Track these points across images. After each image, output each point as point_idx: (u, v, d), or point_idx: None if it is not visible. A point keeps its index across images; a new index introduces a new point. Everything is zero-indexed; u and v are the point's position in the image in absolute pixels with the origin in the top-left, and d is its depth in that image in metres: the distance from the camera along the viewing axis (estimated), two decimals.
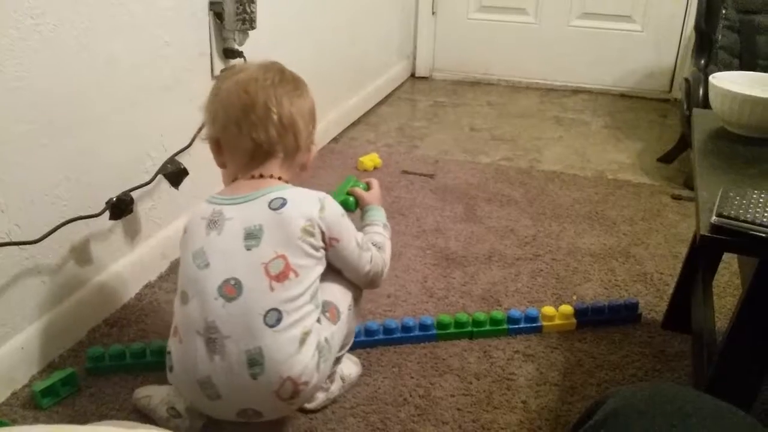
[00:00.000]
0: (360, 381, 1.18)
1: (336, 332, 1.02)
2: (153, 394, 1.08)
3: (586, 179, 2.06)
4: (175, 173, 1.42)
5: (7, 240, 1.09)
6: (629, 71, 2.91)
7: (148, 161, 1.39)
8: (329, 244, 1.01)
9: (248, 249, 0.95)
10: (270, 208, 0.98)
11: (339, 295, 1.05)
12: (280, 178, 1.04)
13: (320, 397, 1.10)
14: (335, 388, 1.12)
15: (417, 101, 2.86)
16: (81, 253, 1.26)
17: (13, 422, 1.05)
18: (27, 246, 1.13)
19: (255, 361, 0.93)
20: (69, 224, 1.20)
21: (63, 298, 1.23)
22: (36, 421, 1.06)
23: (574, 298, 1.44)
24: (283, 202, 0.98)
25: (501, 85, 3.07)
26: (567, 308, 1.34)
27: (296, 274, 0.95)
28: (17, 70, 1.06)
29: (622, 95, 2.93)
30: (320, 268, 1.00)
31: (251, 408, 0.96)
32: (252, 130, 1.01)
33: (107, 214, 1.27)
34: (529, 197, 1.92)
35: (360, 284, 1.10)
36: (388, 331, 1.27)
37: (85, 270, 1.27)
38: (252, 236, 0.96)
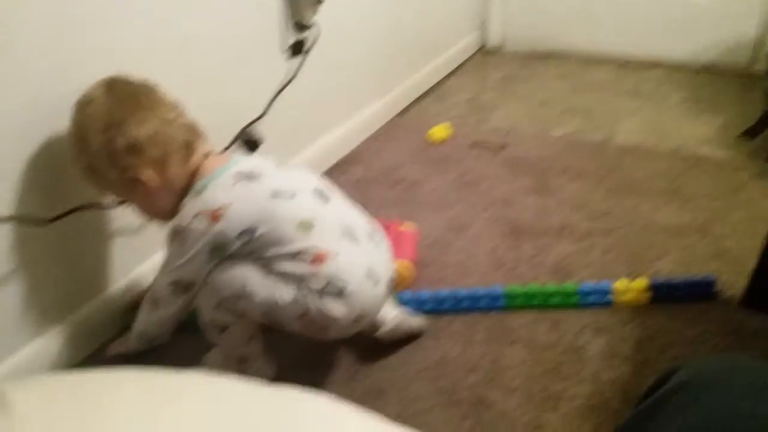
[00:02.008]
0: (428, 345, 1.19)
1: None
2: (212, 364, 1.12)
3: (663, 154, 2.00)
4: (250, 142, 1.45)
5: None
6: (710, 43, 2.79)
7: (224, 131, 1.43)
8: None
9: (304, 172, 1.08)
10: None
11: None
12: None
13: (390, 317, 1.17)
14: (398, 311, 1.19)
15: (488, 73, 2.82)
16: None
17: None
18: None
19: (372, 232, 1.06)
20: None
21: (151, 253, 1.29)
22: None
23: (649, 273, 1.41)
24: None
25: (575, 57, 2.99)
26: (641, 282, 1.31)
27: None
28: (99, 44, 1.10)
29: (703, 68, 2.81)
30: None
31: (390, 277, 1.08)
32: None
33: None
34: (603, 171, 1.88)
35: None
36: (457, 299, 1.28)
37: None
38: (281, 165, 1.07)
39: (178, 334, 1.14)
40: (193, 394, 0.49)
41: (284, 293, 0.96)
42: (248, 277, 0.97)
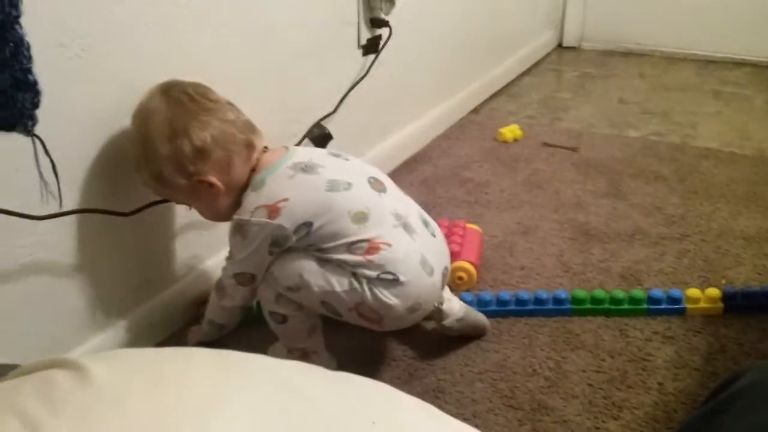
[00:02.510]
0: (489, 348, 1.19)
1: None
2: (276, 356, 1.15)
3: (745, 157, 1.92)
4: (321, 137, 1.48)
5: None
6: None
7: (295, 126, 1.46)
8: None
9: (346, 160, 1.08)
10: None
11: None
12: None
13: (455, 307, 1.18)
14: (464, 305, 1.20)
15: (563, 72, 2.77)
16: None
17: None
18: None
19: (426, 221, 1.07)
20: None
21: (222, 247, 1.33)
22: None
23: (723, 281, 1.36)
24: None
25: (655, 56, 2.90)
26: (714, 291, 1.27)
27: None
28: (185, 38, 1.14)
29: None
30: None
31: (444, 266, 1.07)
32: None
33: None
34: (680, 174, 1.82)
35: None
36: (520, 302, 1.27)
37: None
38: (337, 155, 1.08)
39: (244, 325, 1.18)
40: (261, 373, 0.51)
41: (340, 282, 0.98)
42: (305, 267, 0.99)
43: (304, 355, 1.09)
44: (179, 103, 1.00)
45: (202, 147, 0.99)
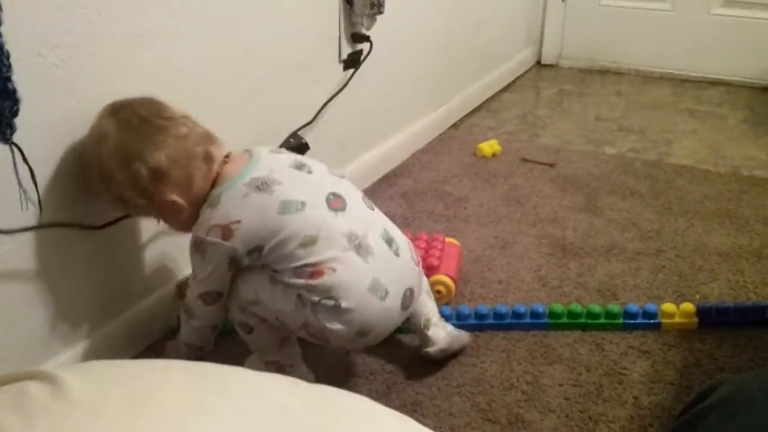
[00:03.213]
0: (467, 362, 1.19)
1: None
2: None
3: (719, 175, 1.95)
4: (297, 147, 1.48)
5: None
6: None
7: (276, 140, 1.47)
8: None
9: (309, 173, 1.05)
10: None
11: None
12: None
13: (442, 335, 1.17)
14: (450, 328, 1.19)
15: (541, 89, 2.80)
16: None
17: None
18: None
19: (390, 240, 1.04)
20: None
21: None
22: None
23: (698, 296, 1.38)
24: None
25: (631, 75, 2.95)
26: (689, 306, 1.29)
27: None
28: (167, 51, 1.14)
29: (765, 89, 2.74)
30: None
31: (407, 288, 1.04)
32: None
33: None
34: (655, 191, 1.85)
35: None
36: (498, 315, 1.28)
37: None
38: (300, 167, 1.05)
39: (222, 336, 1.17)
40: (240, 386, 0.51)
41: (287, 302, 0.98)
42: (258, 285, 0.99)
43: (280, 369, 1.08)
44: (130, 126, 0.97)
45: (157, 168, 0.97)
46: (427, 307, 1.17)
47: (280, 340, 1.08)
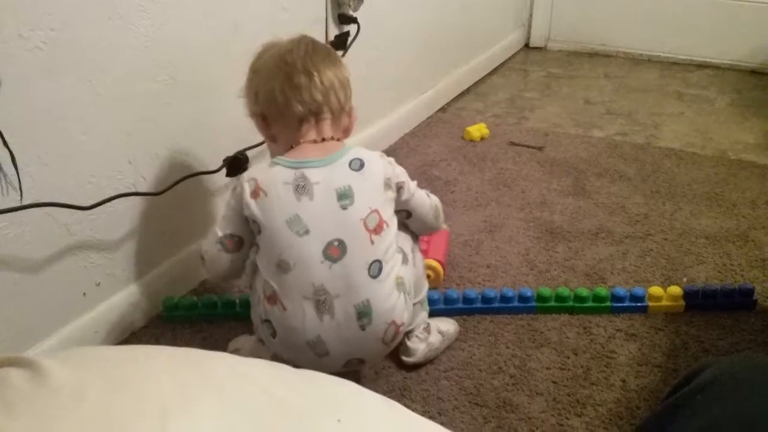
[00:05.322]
0: (455, 346, 1.19)
1: (407, 271, 1.06)
2: (242, 347, 1.14)
3: (707, 158, 1.96)
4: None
5: (133, 190, 1.17)
6: (761, 46, 2.71)
7: None
8: (398, 190, 1.07)
9: (344, 208, 0.99)
10: (351, 169, 1.02)
11: (402, 239, 1.09)
12: (338, 139, 1.07)
13: (421, 348, 1.13)
14: (434, 339, 1.15)
15: (530, 72, 2.79)
16: (199, 206, 1.34)
17: None
18: (151, 197, 1.21)
19: (364, 313, 0.98)
20: (189, 179, 1.27)
21: (181, 247, 1.31)
22: None
23: (685, 280, 1.39)
24: (362, 163, 1.03)
25: (620, 58, 2.94)
26: (676, 289, 1.29)
27: (387, 225, 1.02)
28: (148, 31, 1.12)
29: (752, 71, 2.74)
30: (396, 217, 1.06)
31: (356, 357, 1.02)
32: (298, 96, 1.03)
33: (224, 171, 1.34)
34: (643, 174, 1.85)
35: (428, 224, 1.15)
36: (486, 299, 1.28)
37: (202, 222, 1.35)
38: (344, 196, 0.99)
39: (207, 322, 1.16)
40: (225, 372, 0.50)
41: (255, 300, 1.04)
42: (252, 269, 1.05)
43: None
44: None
45: (257, 92, 1.07)
46: (419, 317, 1.15)
47: None
